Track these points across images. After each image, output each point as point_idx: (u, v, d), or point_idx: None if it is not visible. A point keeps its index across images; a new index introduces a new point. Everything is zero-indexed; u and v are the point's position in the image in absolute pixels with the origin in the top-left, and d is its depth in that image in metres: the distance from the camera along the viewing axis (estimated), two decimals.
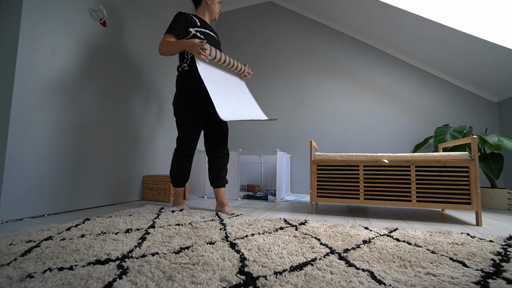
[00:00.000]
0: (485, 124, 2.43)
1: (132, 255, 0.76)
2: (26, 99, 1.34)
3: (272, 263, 0.71)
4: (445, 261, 0.75)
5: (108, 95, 1.82)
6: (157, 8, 2.35)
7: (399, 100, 2.67)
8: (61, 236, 0.94)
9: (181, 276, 0.61)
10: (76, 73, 1.60)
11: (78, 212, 1.53)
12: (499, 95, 2.39)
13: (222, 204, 1.62)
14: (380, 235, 1.05)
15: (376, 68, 2.77)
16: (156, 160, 2.32)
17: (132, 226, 1.12)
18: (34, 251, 0.77)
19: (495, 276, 0.64)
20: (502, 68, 2.12)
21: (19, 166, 1.30)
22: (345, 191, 1.61)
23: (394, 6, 2.22)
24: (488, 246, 0.90)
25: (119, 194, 1.92)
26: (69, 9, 1.55)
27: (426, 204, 1.46)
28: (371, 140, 2.71)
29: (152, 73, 2.27)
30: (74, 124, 1.59)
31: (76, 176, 1.59)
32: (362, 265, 0.71)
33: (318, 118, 2.93)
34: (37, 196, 1.38)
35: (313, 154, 1.71)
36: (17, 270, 0.63)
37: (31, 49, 1.36)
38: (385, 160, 1.54)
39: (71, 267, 0.65)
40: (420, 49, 2.49)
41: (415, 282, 0.60)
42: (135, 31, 2.07)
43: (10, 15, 1.33)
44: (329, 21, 2.96)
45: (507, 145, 1.81)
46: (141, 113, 2.14)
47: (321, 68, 2.97)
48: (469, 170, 1.41)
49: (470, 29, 2.01)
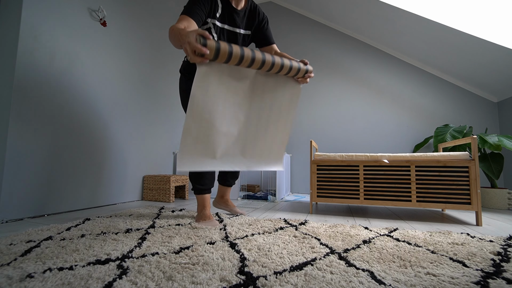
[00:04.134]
0: (485, 124, 2.43)
1: (132, 255, 0.76)
2: (26, 99, 1.34)
3: (272, 263, 0.71)
4: (445, 261, 0.75)
5: (108, 95, 1.82)
6: (157, 8, 2.35)
7: (399, 100, 2.67)
8: (61, 236, 0.94)
9: (181, 276, 0.61)
10: (76, 73, 1.60)
11: (78, 212, 1.53)
12: (499, 95, 2.39)
13: (227, 203, 1.54)
14: (380, 235, 1.05)
15: (376, 68, 2.77)
16: (156, 160, 2.32)
17: (132, 226, 1.12)
18: (34, 251, 0.77)
19: (495, 276, 0.64)
20: (502, 68, 2.12)
21: (19, 166, 1.30)
22: (345, 191, 1.61)
23: (394, 6, 2.22)
24: (488, 246, 0.90)
25: (119, 194, 1.92)
26: (69, 9, 1.55)
27: (426, 204, 1.46)
28: (371, 140, 2.71)
29: (152, 72, 2.27)
30: (74, 124, 1.58)
31: (76, 176, 1.59)
32: (362, 265, 0.71)
33: (318, 118, 2.93)
34: (37, 196, 1.38)
35: (313, 154, 1.70)
36: (17, 270, 0.63)
37: (31, 49, 1.36)
38: (385, 160, 1.54)
39: (71, 267, 0.65)
40: (420, 49, 2.49)
41: (415, 282, 0.60)
42: (135, 31, 2.07)
43: (10, 15, 1.33)
44: (329, 21, 2.96)
45: (507, 145, 1.81)
46: (141, 113, 2.14)
47: (321, 68, 2.97)
48: (469, 170, 1.41)
49: (470, 29, 2.01)
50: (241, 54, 0.86)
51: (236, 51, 0.85)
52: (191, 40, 0.80)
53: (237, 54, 0.85)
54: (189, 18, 1.04)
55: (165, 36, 2.44)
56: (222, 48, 0.82)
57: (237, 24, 1.22)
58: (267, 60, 0.92)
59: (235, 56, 0.85)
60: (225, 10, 1.18)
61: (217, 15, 1.16)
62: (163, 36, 2.41)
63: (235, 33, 1.24)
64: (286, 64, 0.97)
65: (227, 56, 0.84)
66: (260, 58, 0.90)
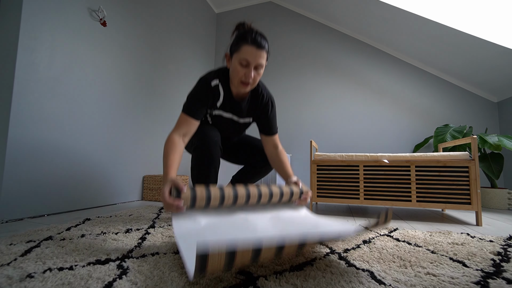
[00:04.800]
0: (485, 124, 2.43)
1: (132, 255, 0.76)
2: (26, 99, 1.34)
3: (272, 263, 0.71)
4: (445, 261, 0.75)
5: (108, 95, 1.82)
6: (157, 8, 2.35)
7: (399, 100, 2.67)
8: (61, 236, 0.94)
9: (181, 276, 0.61)
10: (76, 73, 1.60)
11: (78, 212, 1.53)
12: (499, 95, 2.39)
13: None
14: (380, 235, 1.05)
15: (376, 68, 2.77)
16: (156, 160, 2.32)
17: (132, 226, 1.12)
18: (34, 251, 0.77)
19: (495, 276, 0.64)
20: (502, 68, 2.12)
21: (19, 166, 1.30)
22: (345, 191, 1.61)
23: (394, 6, 2.22)
24: (488, 246, 0.90)
25: (119, 194, 1.92)
26: (69, 9, 1.55)
27: (426, 204, 1.46)
28: (371, 140, 2.71)
29: (152, 72, 2.27)
30: (74, 124, 1.58)
31: (76, 176, 1.59)
32: (362, 265, 0.71)
33: (318, 118, 2.93)
34: (37, 196, 1.38)
35: (313, 154, 1.70)
36: (17, 270, 0.63)
37: (31, 49, 1.36)
38: (385, 160, 1.54)
39: (71, 267, 0.65)
40: (420, 49, 2.49)
41: (415, 282, 0.60)
42: (135, 31, 2.07)
43: (10, 15, 1.33)
44: (329, 21, 2.96)
45: (507, 145, 1.81)
46: (141, 112, 2.14)
47: (321, 68, 2.97)
48: (469, 170, 1.41)
49: (470, 28, 2.01)
50: (221, 196, 0.81)
51: (215, 194, 0.80)
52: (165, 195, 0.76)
53: (216, 197, 0.80)
54: (189, 120, 1.00)
55: (165, 36, 2.44)
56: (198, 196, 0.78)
57: (237, 111, 1.13)
58: (252, 194, 0.86)
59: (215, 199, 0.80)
60: (226, 98, 1.09)
61: (218, 105, 1.09)
62: (163, 36, 2.41)
63: (232, 121, 1.16)
64: (275, 192, 0.91)
65: (206, 201, 0.79)
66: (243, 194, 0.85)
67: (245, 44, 0.95)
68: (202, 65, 3.15)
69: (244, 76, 0.98)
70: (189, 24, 2.87)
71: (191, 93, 1.05)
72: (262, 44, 0.96)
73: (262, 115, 1.17)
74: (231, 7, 3.45)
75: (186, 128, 1.00)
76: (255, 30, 0.98)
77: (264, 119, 1.17)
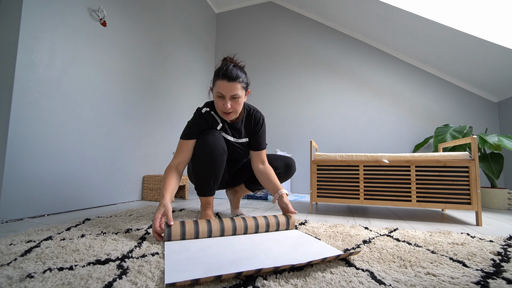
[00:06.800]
0: (485, 124, 2.43)
1: (132, 255, 0.76)
2: (26, 99, 1.34)
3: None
4: (445, 261, 0.75)
5: (108, 95, 1.82)
6: (157, 8, 2.35)
7: (399, 100, 2.67)
8: (61, 236, 0.94)
9: None
10: (76, 73, 1.60)
11: (78, 212, 1.53)
12: (499, 95, 2.39)
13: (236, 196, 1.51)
14: (380, 235, 1.05)
15: (376, 68, 2.77)
16: (156, 160, 2.32)
17: (132, 226, 1.12)
18: (34, 251, 0.77)
19: (495, 276, 0.64)
20: (502, 68, 2.12)
21: (19, 166, 1.30)
22: (345, 191, 1.61)
23: (394, 6, 2.22)
24: (488, 246, 0.90)
25: (119, 194, 1.92)
26: (69, 9, 1.55)
27: (426, 204, 1.46)
28: (371, 140, 2.71)
29: (152, 72, 2.27)
30: (74, 124, 1.58)
31: (76, 176, 1.59)
32: (362, 265, 0.71)
33: (318, 118, 2.93)
34: (37, 196, 1.38)
35: (313, 154, 1.70)
36: (17, 270, 0.63)
37: (31, 49, 1.36)
38: (385, 160, 1.54)
39: (71, 267, 0.65)
40: (420, 49, 2.49)
41: (415, 282, 0.60)
42: (135, 31, 2.07)
43: (10, 15, 1.33)
44: (329, 21, 2.96)
45: (507, 145, 1.81)
46: (141, 112, 2.14)
47: (321, 67, 2.97)
48: (469, 170, 1.41)
49: (470, 29, 2.01)
50: (209, 230, 0.88)
51: (203, 229, 0.87)
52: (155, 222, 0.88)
53: (204, 232, 0.87)
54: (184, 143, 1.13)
55: (165, 36, 2.44)
56: (187, 231, 0.85)
57: (234, 134, 1.23)
58: (238, 226, 0.92)
59: (203, 233, 0.87)
60: (224, 124, 1.20)
61: (218, 128, 1.19)
62: (163, 36, 2.41)
63: (230, 142, 1.22)
64: (261, 224, 0.97)
65: (194, 235, 0.87)
66: (230, 227, 0.91)
67: (218, 79, 1.07)
68: (202, 64, 3.15)
69: (222, 107, 1.08)
70: (189, 24, 2.87)
71: (187, 123, 1.18)
72: (233, 76, 1.05)
73: (254, 133, 1.27)
74: (231, 7, 3.45)
75: (181, 157, 1.13)
76: (231, 64, 1.08)
77: (254, 135, 1.27)
